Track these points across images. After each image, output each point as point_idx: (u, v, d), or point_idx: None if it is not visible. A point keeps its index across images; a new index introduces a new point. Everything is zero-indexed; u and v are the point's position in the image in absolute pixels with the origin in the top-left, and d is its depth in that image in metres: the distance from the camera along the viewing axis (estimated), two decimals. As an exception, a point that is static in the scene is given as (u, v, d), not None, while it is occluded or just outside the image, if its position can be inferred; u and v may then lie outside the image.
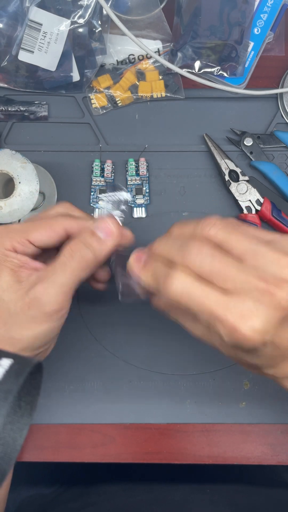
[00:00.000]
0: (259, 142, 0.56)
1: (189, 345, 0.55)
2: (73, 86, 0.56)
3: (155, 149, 0.57)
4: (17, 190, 0.48)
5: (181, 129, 0.57)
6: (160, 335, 0.55)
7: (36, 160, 0.55)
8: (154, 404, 0.54)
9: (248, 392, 0.54)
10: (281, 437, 0.54)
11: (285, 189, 0.55)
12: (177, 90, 0.57)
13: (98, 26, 0.53)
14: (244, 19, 0.54)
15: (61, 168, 0.57)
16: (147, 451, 0.54)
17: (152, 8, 0.55)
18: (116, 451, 0.54)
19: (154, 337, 0.55)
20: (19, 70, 0.54)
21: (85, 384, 0.54)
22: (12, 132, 0.57)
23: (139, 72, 0.57)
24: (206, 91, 0.57)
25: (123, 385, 0.54)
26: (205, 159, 0.57)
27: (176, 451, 0.54)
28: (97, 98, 0.57)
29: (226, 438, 0.54)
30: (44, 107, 0.56)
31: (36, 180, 0.49)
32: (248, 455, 0.54)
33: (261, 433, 0.54)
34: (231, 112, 0.57)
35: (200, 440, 0.54)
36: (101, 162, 0.56)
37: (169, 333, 0.55)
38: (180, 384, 0.54)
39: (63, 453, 0.54)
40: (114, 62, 0.57)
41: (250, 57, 0.56)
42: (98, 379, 0.54)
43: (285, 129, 0.57)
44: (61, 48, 0.53)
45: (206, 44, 0.54)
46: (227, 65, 0.55)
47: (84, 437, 0.54)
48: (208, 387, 0.54)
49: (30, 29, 0.51)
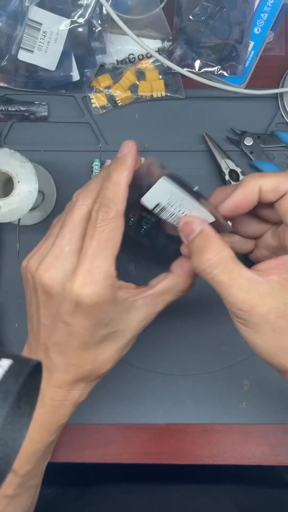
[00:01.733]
0: (259, 141, 0.56)
1: (189, 345, 0.55)
2: (73, 85, 0.56)
3: (155, 149, 0.57)
4: (16, 189, 0.48)
5: (181, 129, 0.57)
6: (160, 335, 0.55)
7: (36, 159, 0.55)
8: (154, 404, 0.54)
9: (248, 392, 0.54)
10: (281, 437, 0.54)
11: (285, 189, 0.55)
12: (177, 90, 0.57)
13: (98, 25, 0.53)
14: (244, 18, 0.54)
15: (61, 168, 0.57)
16: (147, 451, 0.54)
17: (152, 8, 0.55)
18: (116, 451, 0.54)
19: (154, 337, 0.55)
20: (19, 70, 0.54)
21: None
22: (12, 132, 0.57)
23: (139, 71, 0.56)
24: (206, 91, 0.57)
25: (123, 385, 0.54)
26: (205, 159, 0.57)
27: (176, 451, 0.54)
28: (97, 97, 0.57)
29: (226, 438, 0.54)
30: (44, 107, 0.56)
31: (35, 179, 0.49)
32: (248, 455, 0.54)
33: (261, 433, 0.54)
34: (231, 112, 0.57)
35: (200, 440, 0.54)
36: (101, 161, 0.56)
37: (169, 333, 0.55)
38: (180, 384, 0.54)
39: (63, 453, 0.54)
40: (114, 62, 0.57)
41: (250, 57, 0.56)
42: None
43: (285, 129, 0.57)
44: (61, 48, 0.53)
45: (206, 43, 0.54)
46: (227, 65, 0.55)
47: (84, 437, 0.54)
48: (208, 387, 0.54)
49: (30, 28, 0.51)
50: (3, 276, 0.56)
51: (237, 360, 0.55)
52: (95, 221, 0.37)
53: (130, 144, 0.39)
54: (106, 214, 0.36)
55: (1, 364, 0.24)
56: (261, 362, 0.54)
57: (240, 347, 0.55)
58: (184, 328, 0.55)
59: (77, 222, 0.38)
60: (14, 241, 0.55)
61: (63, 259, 0.37)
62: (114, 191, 0.37)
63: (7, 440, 0.24)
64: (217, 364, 0.55)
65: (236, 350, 0.55)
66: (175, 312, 0.51)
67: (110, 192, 0.37)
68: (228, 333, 0.55)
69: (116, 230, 0.37)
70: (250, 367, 0.55)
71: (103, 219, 0.36)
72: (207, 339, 0.55)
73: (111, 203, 0.37)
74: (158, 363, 0.55)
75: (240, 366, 0.55)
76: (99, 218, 0.36)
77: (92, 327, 0.38)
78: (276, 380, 0.54)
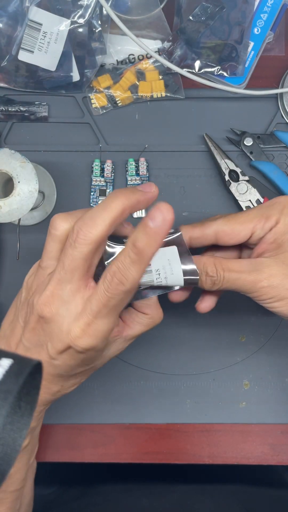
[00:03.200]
0: (259, 142, 0.56)
1: (189, 345, 0.55)
2: (73, 86, 0.56)
3: (155, 149, 0.57)
4: (16, 189, 0.48)
5: (181, 129, 0.57)
6: (160, 335, 0.55)
7: (36, 160, 0.55)
8: (154, 404, 0.54)
9: (248, 392, 0.54)
10: (281, 437, 0.54)
11: (285, 189, 0.55)
12: (177, 90, 0.57)
13: (98, 26, 0.53)
14: (244, 19, 0.54)
15: (61, 168, 0.57)
16: (147, 451, 0.54)
17: (152, 8, 0.55)
18: (116, 451, 0.54)
19: (154, 337, 0.55)
20: (19, 70, 0.54)
21: (85, 384, 0.54)
22: (12, 132, 0.57)
23: (139, 72, 0.57)
24: (206, 91, 0.57)
25: (123, 385, 0.54)
26: (205, 159, 0.57)
27: (176, 451, 0.54)
28: (97, 98, 0.57)
29: (226, 438, 0.54)
30: (44, 108, 0.56)
31: (35, 179, 0.49)
32: (248, 455, 0.54)
33: (261, 433, 0.54)
34: (231, 112, 0.57)
35: (200, 440, 0.54)
36: (101, 162, 0.56)
37: (169, 333, 0.55)
38: (180, 384, 0.54)
39: (63, 453, 0.54)
40: (114, 62, 0.57)
41: (250, 57, 0.56)
42: (98, 379, 0.54)
43: (285, 129, 0.57)
44: (61, 48, 0.53)
45: (206, 44, 0.54)
46: (227, 65, 0.55)
47: (84, 437, 0.54)
48: (208, 387, 0.54)
49: (30, 29, 0.51)
50: (3, 276, 0.56)
51: (237, 360, 0.55)
52: (109, 284, 0.34)
53: (168, 216, 0.34)
54: (122, 286, 0.34)
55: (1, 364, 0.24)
56: (261, 362, 0.55)
57: (240, 347, 0.55)
58: (184, 328, 0.55)
59: (85, 267, 0.36)
60: (14, 241, 0.55)
61: (67, 298, 0.36)
62: (138, 270, 0.34)
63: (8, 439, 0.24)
64: (217, 364, 0.55)
65: (236, 350, 0.55)
66: (175, 312, 0.51)
67: (134, 271, 0.34)
68: (228, 333, 0.55)
69: (127, 295, 0.35)
70: (250, 367, 0.55)
71: (116, 291, 0.34)
72: (207, 339, 0.55)
73: (129, 276, 0.34)
74: (158, 363, 0.55)
75: (240, 366, 0.55)
76: (113, 288, 0.34)
77: (74, 366, 0.38)
78: (276, 380, 0.55)
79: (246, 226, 0.40)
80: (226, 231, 0.41)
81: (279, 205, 0.41)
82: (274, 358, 0.55)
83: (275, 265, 0.40)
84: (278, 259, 0.40)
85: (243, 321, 0.55)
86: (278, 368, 0.55)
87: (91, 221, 0.34)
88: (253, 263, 0.40)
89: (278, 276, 0.39)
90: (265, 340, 0.55)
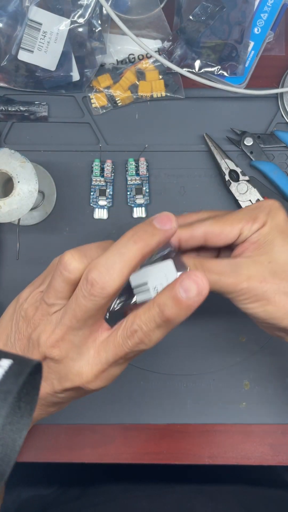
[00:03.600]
0: (259, 141, 0.56)
1: (189, 345, 0.55)
2: (73, 85, 0.56)
3: (155, 149, 0.57)
4: (16, 189, 0.48)
5: (181, 129, 0.57)
6: (160, 335, 0.55)
7: (36, 159, 0.55)
8: (154, 404, 0.54)
9: (248, 392, 0.54)
10: (281, 437, 0.54)
11: (285, 189, 0.55)
12: (177, 90, 0.57)
13: (98, 25, 0.53)
14: (244, 18, 0.54)
15: (61, 168, 0.57)
16: (147, 451, 0.54)
17: (152, 8, 0.55)
18: (116, 451, 0.54)
19: (154, 337, 0.55)
20: (19, 70, 0.54)
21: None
22: (12, 132, 0.57)
23: (139, 71, 0.56)
24: (206, 91, 0.57)
25: (123, 385, 0.54)
26: (205, 159, 0.57)
27: (176, 452, 0.54)
28: (97, 97, 0.57)
29: (226, 438, 0.54)
30: (44, 107, 0.56)
31: (35, 179, 0.49)
32: (248, 455, 0.54)
33: (261, 433, 0.54)
34: (231, 112, 0.57)
35: (200, 440, 0.54)
36: (101, 162, 0.56)
37: (169, 333, 0.55)
38: (180, 384, 0.54)
39: (62, 453, 0.54)
40: (114, 62, 0.57)
41: (250, 57, 0.56)
42: (98, 379, 0.54)
43: (285, 129, 0.57)
44: (61, 48, 0.53)
45: (206, 43, 0.54)
46: (227, 65, 0.55)
47: (84, 437, 0.54)
48: (208, 387, 0.54)
49: (30, 28, 0.51)
50: (3, 276, 0.56)
51: (237, 360, 0.55)
52: (129, 340, 0.34)
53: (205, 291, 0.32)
54: (143, 345, 0.34)
55: (1, 364, 0.24)
56: (261, 362, 0.55)
57: (240, 347, 0.55)
58: (184, 328, 0.55)
59: (98, 315, 0.34)
60: (14, 241, 0.55)
61: (78, 343, 0.35)
62: (164, 333, 0.35)
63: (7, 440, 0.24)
64: (217, 364, 0.55)
65: (236, 350, 0.55)
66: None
67: (159, 333, 0.35)
68: (228, 333, 0.55)
69: (140, 346, 0.35)
70: (250, 367, 0.55)
71: (136, 348, 0.34)
72: (207, 339, 0.55)
73: (153, 337, 0.34)
74: (158, 363, 0.55)
75: (240, 366, 0.55)
76: (132, 345, 0.34)
77: (76, 397, 0.38)
78: (276, 380, 0.54)
79: (236, 226, 0.40)
80: (215, 232, 0.40)
81: (266, 208, 0.41)
82: (274, 358, 0.55)
83: (254, 266, 0.39)
84: (257, 260, 0.40)
85: (243, 321, 0.55)
86: (278, 368, 0.55)
87: (107, 272, 0.32)
88: (232, 264, 0.40)
89: (257, 278, 0.39)
90: (265, 340, 0.55)
